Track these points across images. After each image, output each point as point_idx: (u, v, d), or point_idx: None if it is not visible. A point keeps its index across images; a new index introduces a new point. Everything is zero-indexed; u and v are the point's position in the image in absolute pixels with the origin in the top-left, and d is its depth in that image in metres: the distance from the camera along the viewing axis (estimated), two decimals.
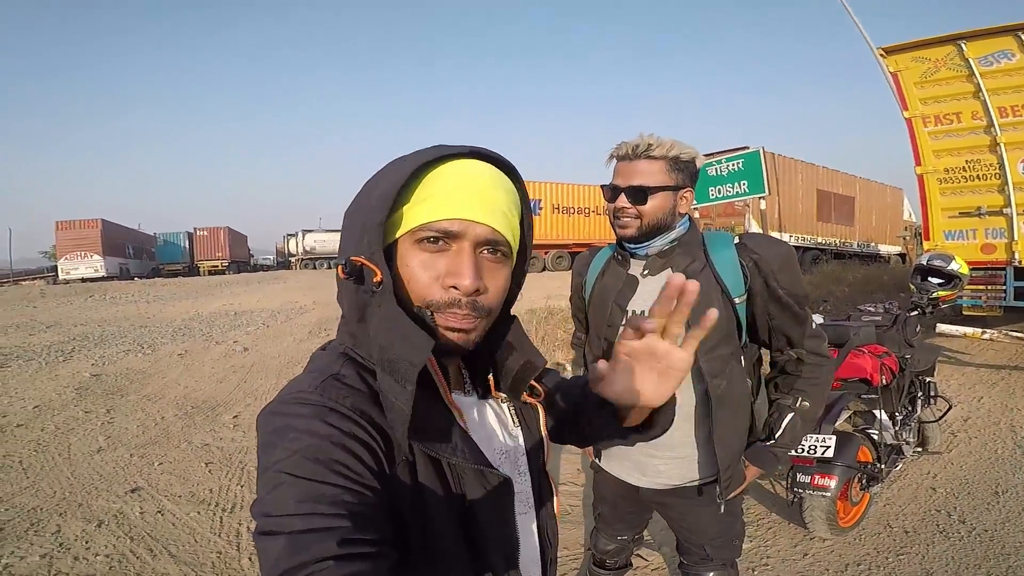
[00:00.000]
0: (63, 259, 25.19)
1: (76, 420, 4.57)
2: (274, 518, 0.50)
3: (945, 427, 3.70)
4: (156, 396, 5.29)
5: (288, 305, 10.94)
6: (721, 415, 1.35)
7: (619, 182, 1.37)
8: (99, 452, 3.91)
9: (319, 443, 0.54)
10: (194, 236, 31.83)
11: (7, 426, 4.38)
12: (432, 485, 0.62)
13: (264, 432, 0.57)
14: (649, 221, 1.36)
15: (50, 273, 28.81)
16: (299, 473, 0.52)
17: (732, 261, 1.36)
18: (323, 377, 0.61)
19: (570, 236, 18.89)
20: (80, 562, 2.57)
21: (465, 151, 0.64)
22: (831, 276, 10.42)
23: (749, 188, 6.98)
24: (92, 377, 5.76)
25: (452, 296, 0.62)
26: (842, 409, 2.67)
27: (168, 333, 8.26)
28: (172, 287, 15.96)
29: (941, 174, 5.95)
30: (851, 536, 2.63)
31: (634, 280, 1.43)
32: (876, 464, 2.69)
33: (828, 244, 15.37)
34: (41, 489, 3.32)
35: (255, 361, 6.50)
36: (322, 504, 0.51)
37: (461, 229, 0.62)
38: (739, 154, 6.95)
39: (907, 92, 5.89)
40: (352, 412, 0.57)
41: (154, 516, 2.98)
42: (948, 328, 5.27)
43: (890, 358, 2.90)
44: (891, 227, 17.67)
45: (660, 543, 2.59)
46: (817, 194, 15.06)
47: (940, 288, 3.40)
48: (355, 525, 0.51)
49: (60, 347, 7.25)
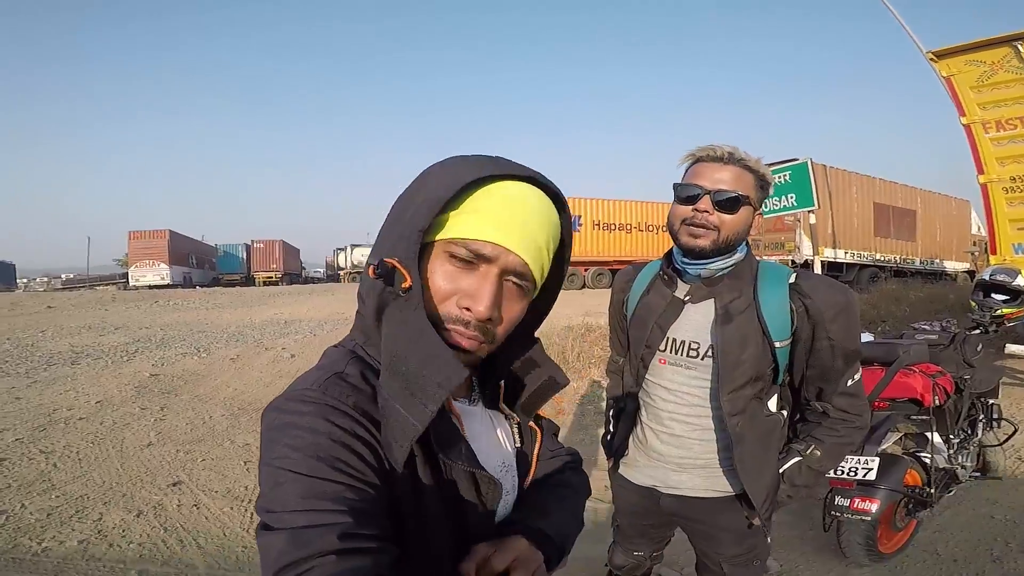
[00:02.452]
0: (133, 267, 26.96)
1: (132, 416, 4.85)
2: (276, 514, 0.52)
3: (1010, 452, 3.41)
4: (207, 397, 5.55)
5: (335, 316, 11.26)
6: (742, 451, 1.29)
7: (705, 184, 1.23)
8: (149, 447, 4.13)
9: (321, 440, 0.55)
10: (251, 248, 33.38)
11: (71, 419, 4.69)
12: (429, 486, 0.62)
13: (267, 428, 0.58)
14: (728, 235, 1.24)
15: (121, 279, 30.87)
16: (301, 470, 0.53)
17: (782, 302, 1.26)
18: (327, 375, 0.61)
19: (610, 253, 18.58)
20: (113, 548, 2.71)
21: (523, 174, 0.64)
22: (890, 295, 9.85)
23: (797, 202, 6.75)
24: (151, 377, 6.10)
25: (464, 316, 0.61)
26: (888, 430, 2.51)
27: (223, 338, 8.65)
28: (229, 296, 16.73)
29: (1007, 183, 5.58)
30: (892, 563, 2.46)
31: (679, 303, 1.33)
32: (925, 489, 2.51)
33: (887, 261, 14.58)
34: (92, 479, 3.53)
35: (300, 367, 6.71)
36: (323, 500, 0.52)
37: (494, 254, 0.61)
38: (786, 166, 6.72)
39: (963, 97, 5.58)
40: (354, 411, 0.58)
41: (190, 509, 3.12)
42: (1018, 348, 4.90)
43: (944, 378, 2.71)
44: (957, 242, 16.49)
45: (683, 565, 2.48)
46: (874, 208, 14.32)
47: (1004, 305, 3.17)
48: (356, 521, 0.51)
49: (125, 348, 7.71)
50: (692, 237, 1.25)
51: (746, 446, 1.27)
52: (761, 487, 1.30)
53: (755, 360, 1.25)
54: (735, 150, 1.25)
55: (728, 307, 1.28)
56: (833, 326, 1.23)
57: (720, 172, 1.24)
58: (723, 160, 1.25)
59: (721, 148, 1.25)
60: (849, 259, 13.79)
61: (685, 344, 1.33)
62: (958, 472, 2.73)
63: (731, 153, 1.25)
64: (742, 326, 1.26)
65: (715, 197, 1.23)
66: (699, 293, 1.32)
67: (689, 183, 1.27)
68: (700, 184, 1.24)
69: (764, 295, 1.27)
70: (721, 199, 1.23)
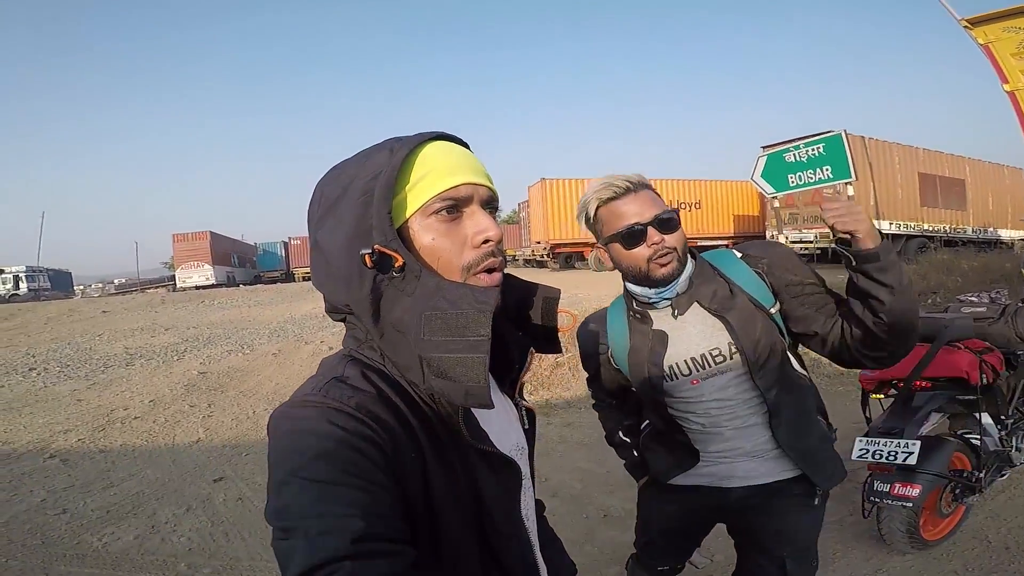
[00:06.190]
0: (179, 269, 28.10)
1: (182, 413, 5.09)
2: (289, 520, 0.51)
3: None
4: (251, 392, 5.76)
5: None
6: (779, 420, 1.28)
7: (639, 220, 1.23)
8: (197, 443, 4.33)
9: (327, 444, 0.54)
10: (289, 245, 34.21)
11: (127, 418, 4.96)
12: (442, 480, 0.62)
13: (273, 436, 0.58)
14: (682, 249, 1.26)
15: (170, 281, 32.23)
16: (310, 475, 0.52)
17: (749, 274, 1.29)
18: (326, 380, 0.61)
19: None
20: (165, 543, 2.86)
21: (434, 134, 0.67)
22: (940, 265, 9.39)
23: (833, 174, 6.56)
24: (199, 375, 6.36)
25: (487, 249, 0.65)
26: (931, 411, 2.41)
27: (265, 334, 8.92)
28: (271, 293, 17.21)
29: None
30: (937, 551, 2.37)
31: (662, 334, 1.33)
32: (974, 473, 2.40)
33: (936, 231, 13.98)
34: (146, 476, 3.74)
35: None
36: (336, 505, 0.51)
37: (469, 193, 0.65)
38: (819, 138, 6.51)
39: (1004, 64, 5.31)
40: (357, 411, 0.57)
41: (235, 503, 3.27)
42: None
43: (993, 354, 2.57)
44: (1013, 210, 15.76)
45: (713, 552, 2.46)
46: (919, 178, 13.81)
47: None
48: (370, 524, 0.51)
49: (175, 347, 8.05)
50: (664, 267, 1.25)
51: (783, 415, 1.28)
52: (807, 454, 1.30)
53: (767, 331, 1.26)
54: (630, 176, 1.25)
55: (717, 299, 1.28)
56: (788, 274, 1.28)
57: (637, 202, 1.24)
58: (631, 190, 1.24)
59: (620, 181, 1.24)
60: (894, 230, 13.32)
61: (707, 356, 1.31)
62: (1012, 455, 2.59)
63: (631, 181, 1.24)
64: (743, 308, 1.27)
65: (658, 224, 1.23)
66: (682, 303, 1.31)
67: (625, 226, 1.24)
68: (635, 221, 1.23)
69: (732, 275, 1.29)
70: (662, 224, 1.23)
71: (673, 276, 1.26)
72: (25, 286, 30.45)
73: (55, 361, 7.48)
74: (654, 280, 1.27)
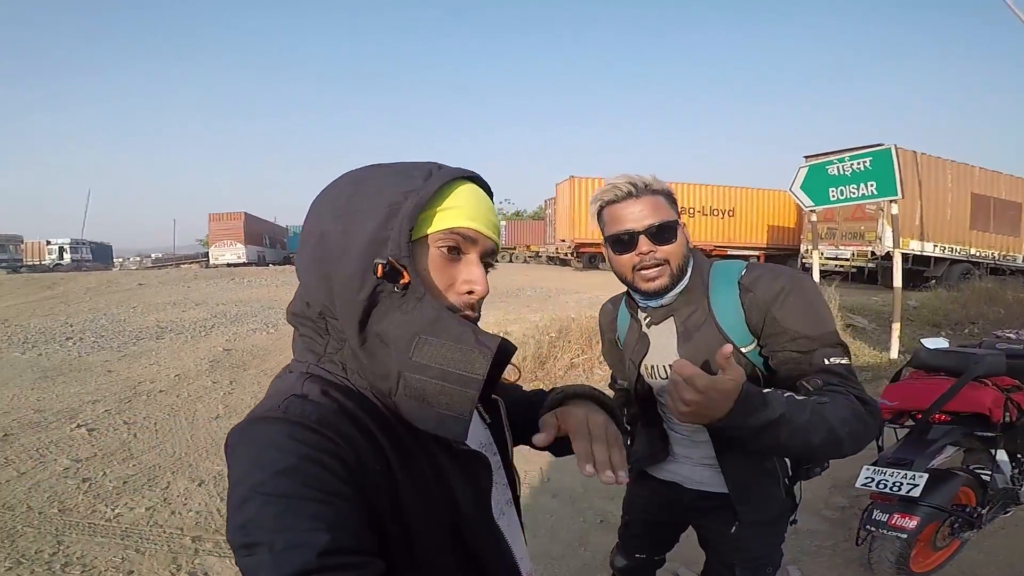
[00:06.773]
0: (213, 246, 29.00)
1: (205, 389, 5.24)
2: (254, 537, 0.51)
3: None
4: (271, 371, 5.87)
5: None
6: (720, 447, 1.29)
7: (631, 226, 1.19)
8: (217, 419, 4.45)
9: (289, 459, 0.54)
10: None
11: (153, 391, 5.13)
12: (411, 490, 0.62)
13: (233, 453, 0.58)
14: (677, 263, 1.21)
15: (204, 258, 33.28)
16: (273, 491, 0.52)
17: (734, 304, 1.21)
18: (284, 397, 0.61)
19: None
20: (175, 516, 2.96)
21: (471, 174, 0.71)
22: (983, 294, 9.01)
23: (878, 190, 6.30)
24: (224, 351, 6.53)
25: (467, 300, 0.67)
26: (945, 445, 2.34)
27: None
28: None
29: None
30: None
31: (645, 337, 1.35)
32: (976, 508, 2.35)
33: (983, 257, 13.37)
34: (164, 449, 3.86)
35: None
36: (301, 519, 0.51)
37: (477, 239, 0.68)
38: (867, 152, 6.27)
39: None
40: (319, 425, 0.57)
41: None
42: None
43: (1021, 393, 2.48)
44: None
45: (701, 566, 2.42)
46: (972, 198, 13.15)
47: None
48: (335, 538, 0.51)
49: (203, 323, 8.28)
50: (649, 281, 1.22)
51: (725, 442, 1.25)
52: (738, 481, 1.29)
53: None
54: (635, 179, 1.20)
55: (687, 324, 1.25)
56: (780, 312, 1.14)
57: (636, 207, 1.19)
58: (632, 194, 1.20)
59: (624, 183, 1.20)
60: (937, 253, 12.77)
61: (656, 369, 1.34)
62: (1020, 493, 2.52)
63: (635, 184, 1.19)
64: (700, 342, 1.22)
65: (650, 234, 1.18)
66: (657, 314, 1.30)
67: (617, 231, 1.21)
68: (627, 228, 1.19)
69: (716, 301, 1.23)
70: (656, 233, 1.18)
71: (658, 292, 1.24)
72: (69, 257, 32.25)
73: (91, 331, 7.80)
74: (641, 292, 1.27)
